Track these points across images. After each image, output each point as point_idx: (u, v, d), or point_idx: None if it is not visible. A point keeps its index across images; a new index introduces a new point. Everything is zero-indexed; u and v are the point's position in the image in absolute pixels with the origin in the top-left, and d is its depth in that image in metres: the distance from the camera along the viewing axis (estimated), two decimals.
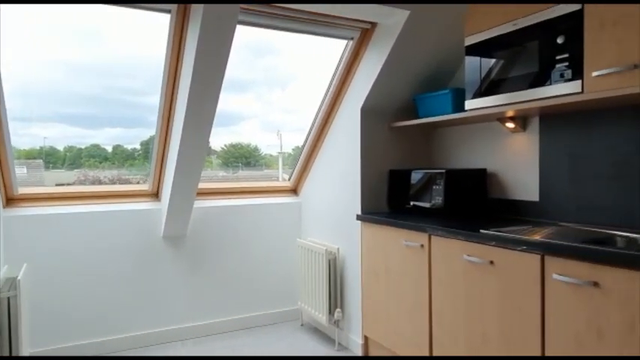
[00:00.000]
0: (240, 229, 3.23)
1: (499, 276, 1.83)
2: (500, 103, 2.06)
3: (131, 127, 3.26)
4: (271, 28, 2.56)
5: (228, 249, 3.20)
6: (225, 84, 2.37)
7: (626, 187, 1.91)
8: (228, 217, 3.20)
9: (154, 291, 2.97)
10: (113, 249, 2.86)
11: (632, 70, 1.58)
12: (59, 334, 2.72)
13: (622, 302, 1.42)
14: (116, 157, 3.38)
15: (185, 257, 3.06)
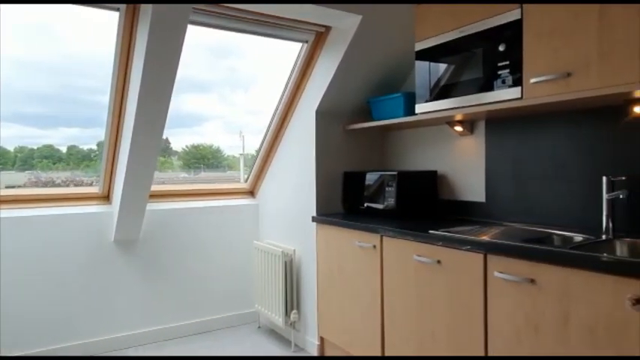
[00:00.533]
0: (196, 232, 3.19)
1: (446, 275, 1.89)
2: (447, 107, 2.12)
3: (88, 127, 3.15)
4: (226, 30, 2.54)
5: (184, 252, 3.14)
6: (187, 84, 2.33)
7: (563, 188, 2.01)
8: (184, 220, 3.14)
9: (106, 297, 2.88)
10: (63, 254, 2.76)
11: (565, 78, 1.67)
12: (4, 342, 2.59)
13: (556, 298, 1.50)
14: (71, 158, 3.25)
15: (138, 261, 2.99)
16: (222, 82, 3.44)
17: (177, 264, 3.12)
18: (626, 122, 1.79)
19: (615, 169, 1.82)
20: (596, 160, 1.89)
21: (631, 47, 1.49)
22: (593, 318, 1.40)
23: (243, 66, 3.38)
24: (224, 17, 2.41)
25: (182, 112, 2.47)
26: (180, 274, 3.13)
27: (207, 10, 2.30)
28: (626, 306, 1.33)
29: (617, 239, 1.72)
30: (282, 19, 2.47)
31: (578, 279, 1.44)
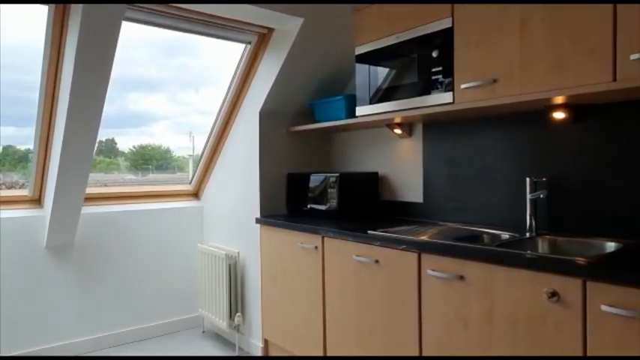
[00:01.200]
0: (137, 236, 3.08)
1: (384, 274, 1.94)
2: (386, 110, 2.18)
3: (25, 126, 2.96)
4: (168, 28, 2.48)
5: (124, 257, 3.03)
6: (134, 82, 2.25)
7: (493, 188, 2.11)
8: (124, 224, 3.03)
9: (39, 306, 2.73)
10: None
11: (492, 85, 1.76)
12: None
13: (482, 293, 1.58)
14: (7, 159, 3.05)
15: (73, 268, 2.85)
16: (172, 81, 3.36)
17: (116, 270, 3.00)
18: (547, 127, 1.92)
19: (538, 170, 1.94)
20: (521, 162, 2.01)
21: (547, 59, 1.60)
22: (515, 311, 1.49)
23: (194, 65, 3.31)
24: (166, 16, 2.35)
25: (129, 111, 2.37)
26: (120, 280, 3.02)
27: (149, 7, 2.23)
28: (544, 299, 1.42)
29: (539, 236, 1.84)
30: (225, 20, 2.44)
31: (501, 275, 1.52)
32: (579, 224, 1.82)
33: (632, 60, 1.40)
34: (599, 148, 1.77)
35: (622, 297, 1.25)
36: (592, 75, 1.49)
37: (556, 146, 1.89)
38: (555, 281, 1.39)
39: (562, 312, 1.38)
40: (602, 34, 1.47)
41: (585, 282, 1.33)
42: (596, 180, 1.78)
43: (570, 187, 1.85)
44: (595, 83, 1.48)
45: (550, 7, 1.59)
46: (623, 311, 1.23)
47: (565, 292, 1.37)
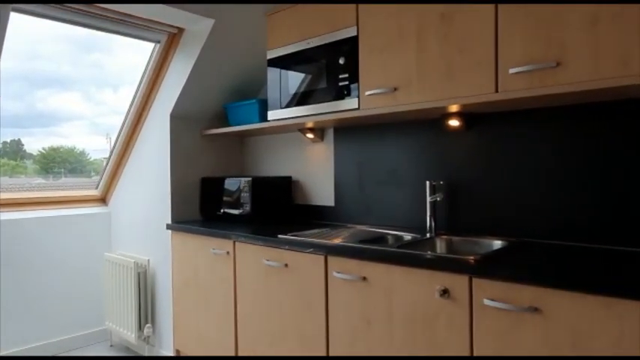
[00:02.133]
0: (39, 245, 2.83)
1: (293, 277, 1.94)
2: (296, 115, 2.20)
3: None
4: (72, 24, 2.32)
5: (23, 268, 2.77)
6: (44, 79, 2.04)
7: (398, 191, 2.21)
8: (26, 232, 2.78)
9: None
10: None
11: (393, 92, 1.84)
12: None
13: (383, 293, 1.64)
14: None
15: None
16: (87, 79, 3.12)
17: (16, 282, 2.74)
18: (444, 133, 2.04)
19: (437, 174, 2.06)
20: (422, 166, 2.12)
21: (440, 69, 1.70)
22: (412, 309, 1.56)
23: (111, 63, 3.11)
24: (69, 11, 2.20)
25: (38, 110, 2.15)
26: (21, 293, 2.75)
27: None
28: (436, 296, 1.50)
29: (437, 237, 1.94)
30: (132, 17, 2.33)
31: (399, 274, 1.59)
32: (473, 224, 1.96)
33: (511, 73, 1.53)
34: (487, 154, 1.91)
35: (500, 291, 1.35)
36: (478, 86, 1.61)
37: (452, 152, 2.02)
38: (446, 279, 1.48)
39: (452, 307, 1.46)
40: (486, 48, 1.59)
41: (471, 278, 1.42)
42: (485, 183, 1.92)
43: (464, 189, 1.98)
44: (480, 94, 1.60)
45: (441, 19, 1.69)
46: (501, 304, 1.34)
47: (454, 288, 1.46)
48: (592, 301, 1.19)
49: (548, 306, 1.27)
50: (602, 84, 1.35)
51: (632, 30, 1.31)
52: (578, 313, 1.22)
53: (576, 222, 1.69)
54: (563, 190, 1.72)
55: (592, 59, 1.37)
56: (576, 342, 1.22)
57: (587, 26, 1.38)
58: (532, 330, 1.30)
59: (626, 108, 1.58)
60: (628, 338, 1.14)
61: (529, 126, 1.80)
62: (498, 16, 1.56)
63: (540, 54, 1.47)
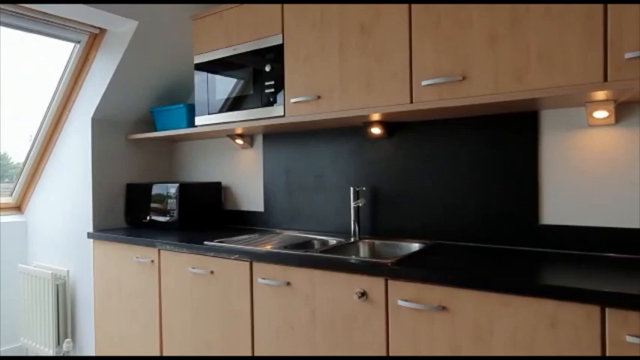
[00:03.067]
0: None
1: (219, 284, 1.93)
2: (223, 120, 2.19)
3: None
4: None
5: None
6: None
7: (325, 197, 2.26)
8: None
9: None
10: None
11: (317, 100, 1.89)
12: None
13: (306, 297, 1.67)
14: None
15: None
16: (8, 76, 2.88)
17: None
18: (367, 141, 2.11)
19: (361, 180, 2.13)
20: (347, 172, 2.18)
21: (360, 80, 1.77)
22: (333, 312, 1.60)
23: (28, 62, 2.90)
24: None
25: None
26: None
27: None
28: (355, 298, 1.55)
29: (361, 241, 2.01)
30: (51, 16, 2.21)
31: (321, 278, 1.63)
32: (394, 228, 2.04)
33: (423, 85, 1.62)
34: (407, 161, 2.01)
35: (413, 292, 1.43)
36: (394, 96, 1.69)
37: (375, 158, 2.10)
38: (364, 282, 1.53)
39: (370, 309, 1.52)
40: (401, 61, 1.68)
41: (387, 281, 1.49)
42: (406, 188, 2.01)
43: (387, 194, 2.06)
44: (396, 104, 1.68)
45: (361, 32, 1.76)
46: (414, 305, 1.41)
47: (372, 291, 1.52)
48: (492, 298, 1.29)
49: (454, 304, 1.35)
50: (501, 97, 1.47)
51: (524, 49, 1.44)
52: (480, 310, 1.31)
53: (485, 224, 1.82)
54: (474, 194, 1.84)
55: (493, 75, 1.49)
56: (478, 336, 1.31)
57: (488, 45, 1.50)
58: (441, 327, 1.38)
59: (521, 120, 1.73)
60: (522, 331, 1.25)
61: (444, 135, 1.91)
62: (412, 32, 1.65)
63: (449, 68, 1.58)
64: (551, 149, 1.69)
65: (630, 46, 1.28)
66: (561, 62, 1.38)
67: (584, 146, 1.63)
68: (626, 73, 1.28)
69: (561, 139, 1.67)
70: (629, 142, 1.55)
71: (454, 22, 1.56)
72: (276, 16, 2.01)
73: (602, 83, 1.31)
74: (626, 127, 1.56)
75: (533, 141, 1.72)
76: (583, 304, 1.16)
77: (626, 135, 1.56)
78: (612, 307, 1.13)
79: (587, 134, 1.63)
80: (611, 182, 1.59)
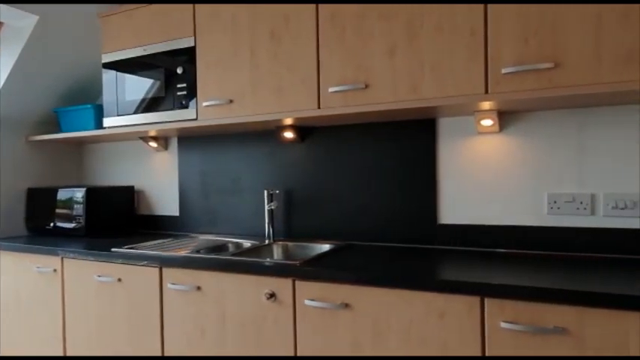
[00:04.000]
0: None
1: (127, 292, 1.87)
2: (134, 122, 2.12)
3: None
4: None
5: None
6: None
7: (240, 200, 2.26)
8: None
9: None
10: None
11: (229, 104, 1.89)
12: None
13: (216, 301, 1.67)
14: None
15: None
16: None
17: None
18: (281, 144, 2.15)
19: (275, 183, 2.16)
20: (262, 175, 2.20)
21: (271, 85, 1.80)
22: (243, 314, 1.62)
23: None
24: None
25: None
26: None
27: None
28: (263, 300, 1.58)
29: (275, 243, 2.04)
30: None
31: (232, 281, 1.64)
32: (308, 230, 2.09)
33: (330, 92, 1.69)
34: (319, 164, 2.07)
35: (319, 291, 1.48)
36: (303, 102, 1.74)
37: (288, 162, 2.14)
38: (273, 283, 1.56)
39: (278, 310, 1.55)
40: (309, 68, 1.73)
41: (294, 281, 1.53)
42: (318, 191, 2.07)
43: (300, 197, 2.11)
44: (305, 109, 1.74)
45: (271, 38, 1.80)
46: (319, 303, 1.46)
47: (280, 292, 1.55)
48: (390, 295, 1.38)
49: (357, 301, 1.42)
50: (399, 105, 1.57)
51: (419, 62, 1.55)
52: (379, 306, 1.39)
53: (391, 225, 1.92)
54: (381, 196, 1.94)
55: (392, 84, 1.59)
56: (377, 330, 1.39)
57: (387, 56, 1.59)
58: (344, 324, 1.44)
59: (421, 127, 1.86)
60: (416, 323, 1.34)
61: (353, 140, 1.99)
62: (319, 40, 1.71)
63: (353, 77, 1.66)
64: (447, 154, 1.83)
65: (507, 62, 1.42)
66: (450, 75, 1.50)
67: (474, 152, 1.79)
68: (504, 87, 1.42)
69: (455, 145, 1.82)
70: (512, 148, 1.72)
71: (358, 33, 1.64)
72: (187, 18, 1.98)
73: (484, 95, 1.45)
74: (508, 134, 1.73)
75: (431, 146, 1.85)
76: (466, 296, 1.28)
77: (509, 141, 1.73)
78: (490, 297, 1.25)
79: (476, 141, 1.78)
80: (497, 184, 1.75)
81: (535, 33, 1.39)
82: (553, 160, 1.67)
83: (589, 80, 1.32)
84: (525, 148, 1.71)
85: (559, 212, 1.64)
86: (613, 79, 1.30)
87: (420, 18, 1.54)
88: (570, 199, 1.62)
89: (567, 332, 1.16)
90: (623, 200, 1.55)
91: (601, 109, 1.60)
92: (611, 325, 1.12)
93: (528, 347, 1.20)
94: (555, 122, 1.66)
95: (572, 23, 1.35)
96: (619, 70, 1.29)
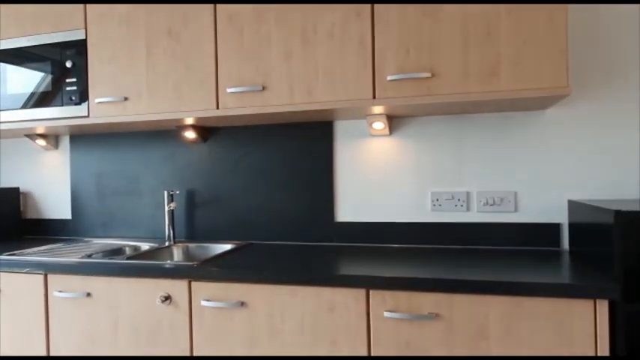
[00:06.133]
0: None
1: (8, 303, 1.72)
2: (17, 119, 1.96)
3: None
4: None
5: None
6: None
7: (139, 201, 2.18)
8: None
9: None
10: None
11: (123, 102, 1.82)
12: None
13: (108, 307, 1.60)
14: None
15: None
16: None
17: None
18: (183, 144, 2.12)
19: (176, 184, 2.12)
20: (163, 176, 2.15)
21: (168, 84, 1.77)
22: (137, 319, 1.57)
23: None
24: None
25: None
26: None
27: None
28: (158, 303, 1.54)
29: (175, 245, 2.00)
30: None
31: (124, 286, 1.58)
32: (210, 230, 2.08)
33: (228, 92, 1.70)
34: (221, 165, 2.06)
35: (215, 291, 1.48)
36: (202, 102, 1.73)
37: (190, 162, 2.11)
38: (168, 286, 1.54)
39: (173, 312, 1.53)
40: (208, 68, 1.72)
41: (190, 282, 1.52)
42: (219, 191, 2.07)
43: (202, 198, 2.09)
44: (204, 109, 1.73)
45: (169, 35, 1.76)
46: (215, 303, 1.47)
47: (175, 294, 1.53)
48: (283, 291, 1.42)
49: (252, 299, 1.45)
50: (295, 107, 1.62)
51: (313, 66, 1.61)
52: (273, 302, 1.43)
53: (292, 224, 1.97)
54: (282, 196, 1.99)
55: (288, 87, 1.64)
56: (272, 326, 1.43)
57: (284, 60, 1.64)
58: (240, 322, 1.46)
59: (319, 129, 1.93)
60: (307, 317, 1.40)
61: (255, 141, 2.02)
62: (217, 40, 1.71)
63: (250, 78, 1.68)
64: (343, 155, 1.92)
65: (391, 70, 1.53)
66: (341, 80, 1.58)
67: (367, 153, 1.90)
68: (389, 92, 1.53)
69: (350, 147, 1.91)
70: (401, 150, 1.86)
71: (255, 35, 1.67)
72: (77, 9, 1.88)
73: (372, 99, 1.55)
74: (398, 137, 1.86)
75: (329, 148, 1.93)
76: (353, 289, 1.36)
77: (398, 144, 1.86)
78: (374, 288, 1.34)
79: (369, 143, 1.89)
80: (388, 183, 1.87)
81: (415, 45, 1.51)
82: (436, 161, 1.82)
83: (460, 90, 1.47)
84: (412, 150, 1.85)
85: (440, 209, 1.80)
86: (479, 90, 1.46)
87: (312, 24, 1.61)
88: (450, 196, 1.78)
89: (440, 317, 1.29)
90: (492, 197, 1.74)
91: (474, 115, 1.78)
92: (475, 308, 1.26)
93: (408, 334, 1.31)
94: (437, 127, 1.82)
95: (445, 38, 1.49)
96: (484, 82, 1.45)
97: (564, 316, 1.20)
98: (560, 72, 1.40)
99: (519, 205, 1.73)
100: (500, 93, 1.44)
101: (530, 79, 1.42)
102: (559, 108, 1.71)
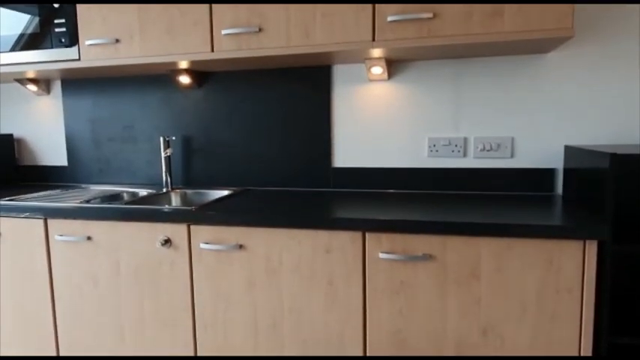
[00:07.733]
0: None
1: (8, 247, 1.75)
2: (5, 62, 1.91)
3: None
4: None
5: None
6: None
7: (135, 148, 2.17)
8: None
9: None
10: None
11: (115, 44, 1.77)
12: None
13: (109, 250, 1.63)
14: None
15: None
16: None
17: None
18: (177, 90, 2.08)
19: (172, 130, 2.10)
20: (158, 122, 2.12)
21: (161, 26, 1.71)
22: (138, 262, 1.60)
23: None
24: None
25: None
26: None
27: None
28: (158, 246, 1.57)
29: (173, 191, 2.01)
30: None
31: (125, 230, 1.60)
32: (207, 177, 2.09)
33: (223, 34, 1.65)
34: (217, 110, 2.04)
35: (214, 235, 1.51)
36: (196, 44, 1.68)
37: (185, 108, 2.08)
38: (168, 229, 1.56)
39: (174, 255, 1.56)
40: (202, 8, 1.66)
41: (189, 226, 1.54)
42: (215, 137, 2.05)
43: (198, 144, 2.08)
44: (198, 52, 1.68)
45: None
46: (214, 246, 1.50)
47: (175, 237, 1.55)
48: (280, 234, 1.45)
49: (250, 242, 1.48)
50: (292, 50, 1.58)
51: (311, 8, 1.55)
52: (271, 244, 1.46)
53: (288, 170, 1.98)
54: (279, 142, 1.98)
55: (285, 29, 1.59)
56: (270, 268, 1.47)
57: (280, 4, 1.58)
58: (239, 264, 1.50)
59: (317, 73, 1.90)
60: (304, 259, 1.43)
61: (251, 86, 1.98)
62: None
63: (246, 20, 1.62)
64: (341, 101, 1.90)
65: (392, 11, 1.48)
66: (340, 22, 1.53)
67: (366, 98, 1.87)
68: (389, 34, 1.49)
69: (348, 92, 1.89)
70: (399, 95, 1.83)
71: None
72: None
73: (371, 42, 1.51)
74: (396, 82, 1.83)
75: (327, 93, 1.90)
76: (350, 232, 1.38)
77: (397, 89, 1.84)
78: (370, 231, 1.36)
79: (367, 88, 1.86)
80: (385, 129, 1.86)
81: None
82: (433, 107, 1.80)
83: (462, 31, 1.43)
84: (410, 96, 1.82)
85: (437, 155, 1.80)
86: (481, 31, 1.42)
87: None
88: (447, 142, 1.78)
89: (433, 258, 1.32)
90: (489, 143, 1.74)
91: (473, 60, 1.75)
92: (467, 249, 1.29)
93: (402, 274, 1.35)
94: (436, 72, 1.78)
95: None
96: (487, 23, 1.41)
97: (554, 257, 1.24)
98: (566, 13, 1.36)
99: (516, 151, 1.74)
100: (504, 35, 1.40)
101: (534, 20, 1.38)
102: (560, 52, 1.68)
